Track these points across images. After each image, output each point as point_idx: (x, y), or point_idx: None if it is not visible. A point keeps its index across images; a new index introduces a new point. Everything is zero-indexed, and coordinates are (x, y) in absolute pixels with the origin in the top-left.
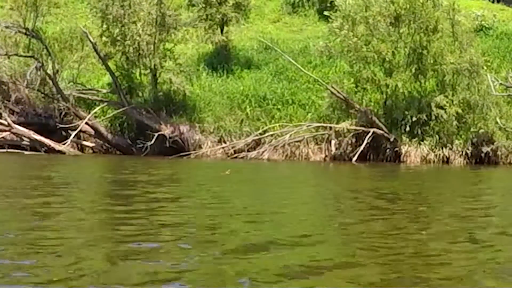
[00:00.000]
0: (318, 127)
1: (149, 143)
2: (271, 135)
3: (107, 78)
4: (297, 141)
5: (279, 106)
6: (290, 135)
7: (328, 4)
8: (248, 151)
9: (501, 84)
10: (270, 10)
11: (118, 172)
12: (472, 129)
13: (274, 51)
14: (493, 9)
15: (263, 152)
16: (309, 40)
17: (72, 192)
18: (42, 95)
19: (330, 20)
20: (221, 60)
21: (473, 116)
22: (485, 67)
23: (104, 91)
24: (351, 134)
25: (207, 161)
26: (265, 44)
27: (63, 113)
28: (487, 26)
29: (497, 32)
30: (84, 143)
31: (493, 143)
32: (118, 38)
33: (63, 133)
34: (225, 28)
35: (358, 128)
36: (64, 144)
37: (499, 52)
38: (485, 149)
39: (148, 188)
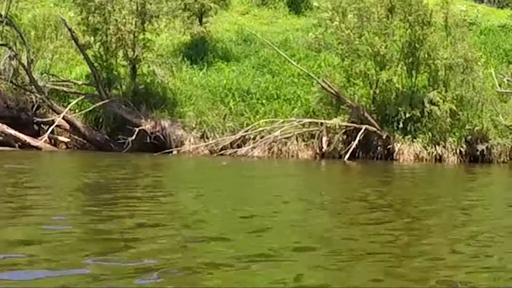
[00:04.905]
0: (308, 123)
1: (130, 139)
2: (260, 131)
3: (80, 69)
4: (287, 138)
5: (263, 101)
6: (281, 131)
7: None
8: (232, 148)
9: (508, 80)
10: (238, 1)
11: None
12: (466, 127)
13: (254, 43)
14: (467, 4)
15: (253, 148)
16: (288, 33)
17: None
18: (14, 86)
19: (319, 11)
20: (199, 51)
21: (467, 113)
22: (479, 63)
23: (80, 82)
24: (342, 130)
25: (197, 157)
26: (243, 36)
27: (36, 106)
28: (470, 21)
29: (481, 28)
30: (59, 138)
31: (487, 141)
32: (99, 26)
33: (35, 127)
34: (204, 19)
35: (350, 124)
36: (40, 139)
37: (486, 48)
38: (479, 147)
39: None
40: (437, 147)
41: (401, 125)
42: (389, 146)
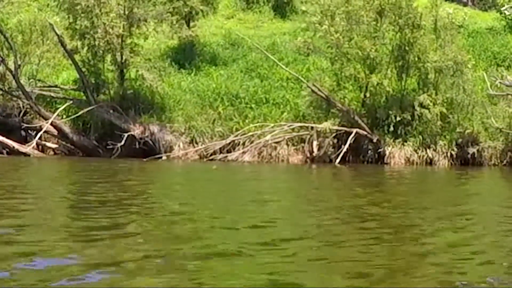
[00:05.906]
0: (298, 127)
1: (119, 144)
2: (250, 136)
3: (67, 74)
4: (277, 142)
5: (252, 105)
6: (272, 136)
7: (284, 0)
8: (222, 153)
9: (500, 82)
10: (224, 6)
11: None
12: (457, 130)
13: (241, 47)
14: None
15: (243, 153)
16: (275, 37)
17: None
18: (1, 92)
19: (307, 14)
20: (187, 56)
21: (457, 116)
22: (469, 66)
23: (68, 87)
24: (333, 134)
25: (186, 162)
26: (231, 40)
27: (23, 111)
28: (458, 24)
29: (468, 30)
30: (47, 144)
31: (478, 144)
32: (87, 31)
33: (23, 133)
34: (192, 23)
35: (340, 128)
36: (28, 145)
37: (474, 50)
38: (470, 150)
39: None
40: (427, 150)
41: (391, 129)
42: (379, 150)
